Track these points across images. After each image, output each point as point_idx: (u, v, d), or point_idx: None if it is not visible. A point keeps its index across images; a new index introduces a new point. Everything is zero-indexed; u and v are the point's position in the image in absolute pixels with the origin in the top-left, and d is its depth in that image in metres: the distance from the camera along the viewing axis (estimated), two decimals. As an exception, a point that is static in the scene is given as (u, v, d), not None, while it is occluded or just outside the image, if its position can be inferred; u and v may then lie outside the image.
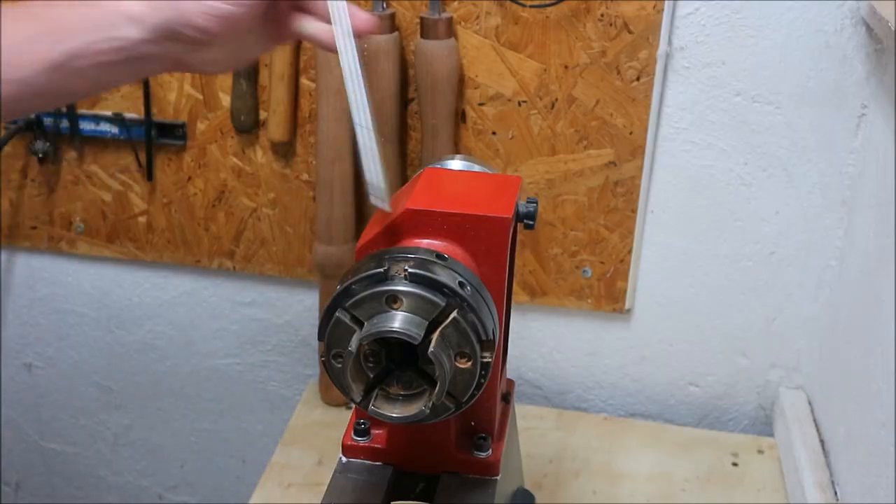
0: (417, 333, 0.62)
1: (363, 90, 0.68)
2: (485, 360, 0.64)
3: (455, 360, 0.64)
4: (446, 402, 0.65)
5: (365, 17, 0.70)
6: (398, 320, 0.62)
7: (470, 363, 0.64)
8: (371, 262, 0.65)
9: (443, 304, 0.62)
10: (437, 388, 0.63)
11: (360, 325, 0.63)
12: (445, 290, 0.63)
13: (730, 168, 1.17)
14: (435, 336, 0.62)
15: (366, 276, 0.63)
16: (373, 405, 0.65)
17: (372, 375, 0.65)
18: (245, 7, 0.68)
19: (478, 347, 0.63)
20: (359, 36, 0.69)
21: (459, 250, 0.68)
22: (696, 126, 1.15)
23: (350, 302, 0.63)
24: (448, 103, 1.13)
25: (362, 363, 0.65)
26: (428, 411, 0.64)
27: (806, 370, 1.26)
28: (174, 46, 0.69)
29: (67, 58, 0.68)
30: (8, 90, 0.68)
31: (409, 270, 0.63)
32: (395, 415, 0.65)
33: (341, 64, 0.68)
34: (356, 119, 0.68)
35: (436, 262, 0.64)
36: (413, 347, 0.63)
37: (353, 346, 0.62)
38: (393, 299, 0.63)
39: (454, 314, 0.63)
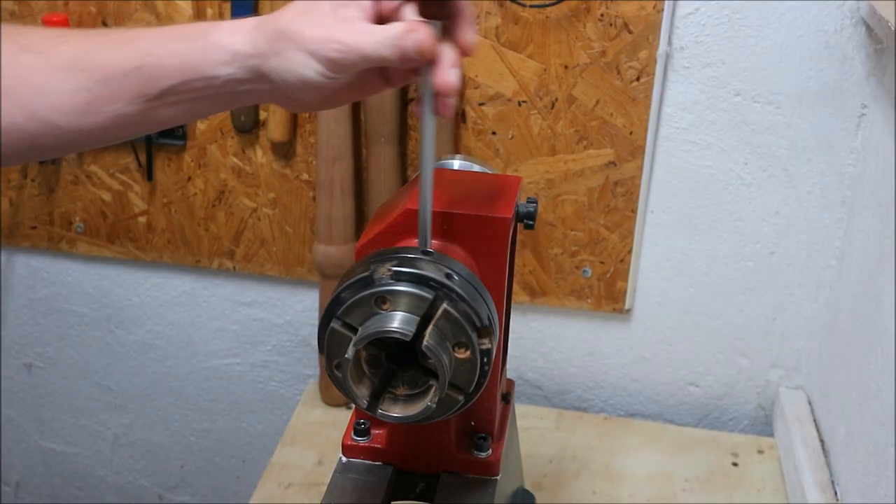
0: (408, 330, 0.62)
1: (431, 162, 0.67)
2: (483, 347, 0.64)
3: (453, 350, 0.63)
4: (454, 394, 0.65)
5: (445, 81, 0.65)
6: (388, 320, 0.62)
7: (468, 352, 0.63)
8: (358, 267, 0.65)
9: (431, 296, 0.62)
10: (439, 381, 0.63)
11: (355, 331, 0.63)
12: (432, 283, 0.63)
13: (730, 168, 1.17)
14: (429, 330, 0.62)
15: (353, 282, 0.63)
16: (380, 409, 0.65)
17: (377, 380, 0.65)
18: (340, 83, 0.65)
19: (474, 336, 0.63)
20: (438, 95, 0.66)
21: (459, 250, 0.68)
22: (696, 126, 1.15)
23: (341, 310, 0.63)
24: (448, 103, 1.13)
25: (365, 369, 0.65)
26: (434, 406, 0.64)
27: (806, 370, 1.26)
28: (268, 86, 0.67)
29: (162, 93, 0.67)
30: (98, 120, 0.68)
31: (394, 269, 0.63)
32: (403, 414, 0.65)
33: (422, 132, 0.67)
34: (424, 180, 0.66)
35: (421, 258, 0.64)
36: (412, 345, 0.63)
37: (349, 353, 0.62)
38: (381, 300, 0.63)
39: (444, 306, 0.63)
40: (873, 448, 0.96)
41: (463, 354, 0.64)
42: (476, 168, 0.81)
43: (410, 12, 0.66)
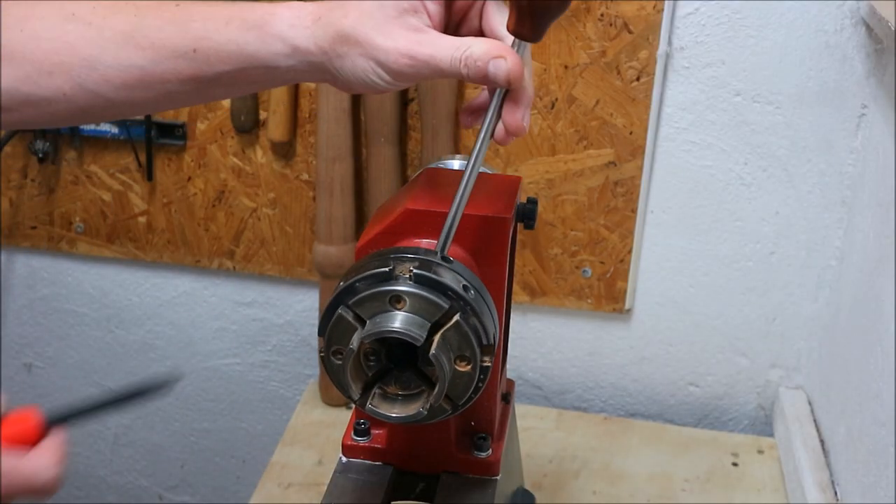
0: (420, 335, 0.61)
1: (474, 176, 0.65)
2: (485, 364, 0.64)
3: (455, 362, 0.63)
4: (443, 404, 0.65)
5: (512, 127, 0.63)
6: (400, 320, 0.62)
7: (469, 367, 0.63)
8: (375, 260, 0.65)
9: (446, 306, 0.62)
10: (437, 389, 0.63)
11: (362, 323, 0.63)
12: (450, 292, 0.62)
13: (730, 168, 1.17)
14: (437, 338, 0.62)
15: (370, 275, 0.63)
16: (370, 404, 0.65)
17: (370, 374, 0.65)
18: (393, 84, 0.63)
19: (478, 351, 0.63)
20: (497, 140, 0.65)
21: (459, 250, 0.68)
22: (696, 126, 1.15)
23: (353, 300, 0.63)
24: (448, 103, 1.13)
25: (362, 361, 0.65)
26: (426, 412, 0.64)
27: (806, 370, 1.26)
28: (328, 77, 0.65)
29: (216, 76, 0.65)
30: (148, 95, 0.66)
31: (414, 271, 0.63)
32: (392, 415, 0.65)
33: (476, 145, 0.65)
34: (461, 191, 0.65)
35: (441, 265, 0.64)
36: (413, 348, 0.63)
37: (354, 343, 0.62)
38: (397, 299, 0.63)
39: (457, 317, 0.62)
40: (873, 448, 0.96)
41: (464, 368, 0.63)
42: (476, 168, 0.80)
43: (496, 21, 0.63)
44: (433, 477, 0.75)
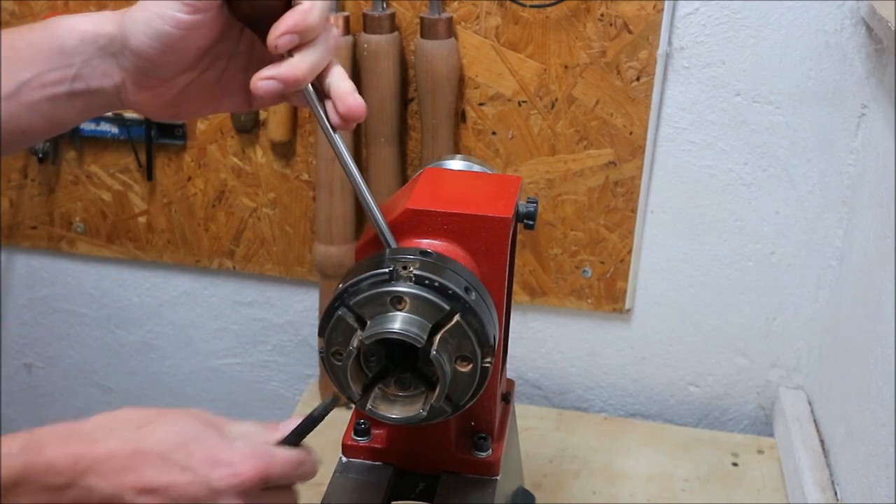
0: (420, 336, 0.61)
1: (351, 163, 0.69)
2: (485, 364, 0.64)
3: (455, 363, 0.63)
4: (444, 405, 0.65)
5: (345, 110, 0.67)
6: (401, 322, 0.62)
7: (470, 367, 0.63)
8: (376, 261, 0.65)
9: (447, 307, 0.62)
10: (438, 390, 0.63)
11: (363, 324, 0.63)
12: (450, 293, 0.63)
13: (730, 168, 1.17)
14: (437, 339, 0.62)
15: (370, 276, 0.63)
16: (370, 405, 0.65)
17: (371, 375, 0.66)
18: (182, 29, 0.62)
19: (479, 352, 0.63)
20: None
21: (459, 250, 0.68)
22: (696, 126, 1.15)
23: (354, 301, 0.63)
24: (448, 103, 1.13)
25: (362, 362, 0.65)
26: (425, 413, 0.64)
27: (806, 370, 1.26)
28: (121, 74, 0.66)
29: (18, 87, 0.65)
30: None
31: (415, 273, 0.63)
32: (392, 415, 0.65)
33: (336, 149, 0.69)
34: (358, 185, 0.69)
35: (442, 266, 0.64)
36: (414, 349, 0.63)
37: (354, 344, 0.62)
38: (398, 300, 0.63)
39: (457, 318, 0.62)
40: (873, 448, 0.96)
41: (464, 368, 0.64)
42: (476, 168, 0.81)
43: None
44: (433, 477, 0.75)
